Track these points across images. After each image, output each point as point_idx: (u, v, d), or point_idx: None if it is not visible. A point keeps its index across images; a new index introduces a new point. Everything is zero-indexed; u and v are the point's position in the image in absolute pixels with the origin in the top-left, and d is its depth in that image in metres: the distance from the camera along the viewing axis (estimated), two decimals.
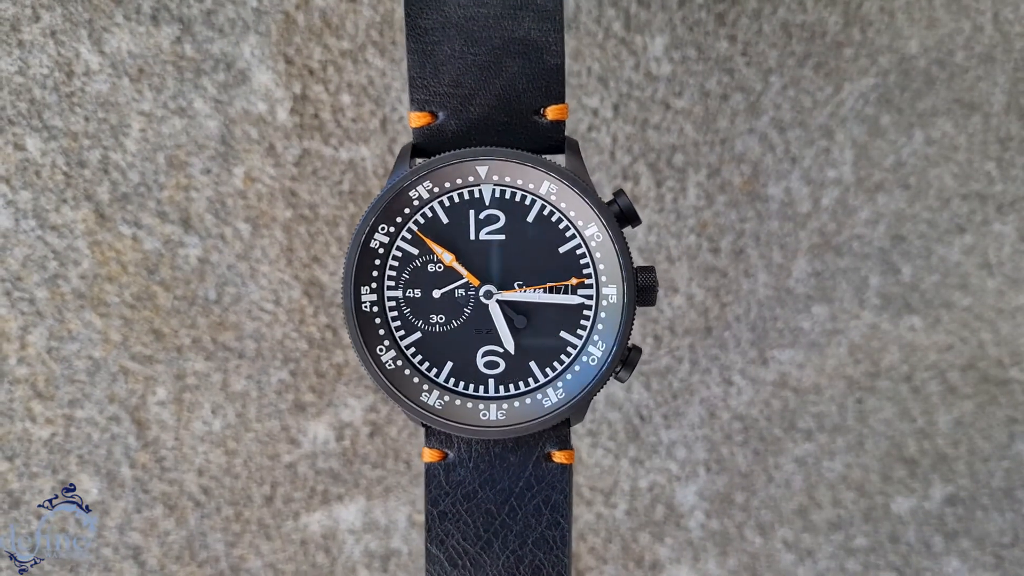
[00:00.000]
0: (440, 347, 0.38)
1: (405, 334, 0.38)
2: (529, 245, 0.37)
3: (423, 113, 0.37)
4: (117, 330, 0.53)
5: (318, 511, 0.57)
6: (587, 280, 0.37)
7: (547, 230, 0.37)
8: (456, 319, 0.38)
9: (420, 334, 0.38)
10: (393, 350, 0.38)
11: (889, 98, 0.58)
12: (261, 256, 0.53)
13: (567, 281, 0.37)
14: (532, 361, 0.38)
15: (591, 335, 0.38)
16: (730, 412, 0.60)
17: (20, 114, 0.50)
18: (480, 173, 0.37)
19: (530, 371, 0.38)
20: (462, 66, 0.37)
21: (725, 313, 0.59)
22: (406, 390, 0.37)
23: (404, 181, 0.36)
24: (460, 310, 0.38)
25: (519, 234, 0.37)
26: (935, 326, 0.62)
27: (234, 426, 0.55)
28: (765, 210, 0.58)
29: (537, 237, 0.37)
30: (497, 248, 0.37)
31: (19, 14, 0.49)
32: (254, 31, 0.51)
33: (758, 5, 0.56)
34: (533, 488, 0.38)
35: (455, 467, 0.38)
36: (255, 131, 0.52)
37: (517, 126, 0.37)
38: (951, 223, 0.60)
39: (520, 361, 0.38)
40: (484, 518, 0.38)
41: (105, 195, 0.51)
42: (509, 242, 0.37)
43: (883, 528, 0.63)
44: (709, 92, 0.57)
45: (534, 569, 0.38)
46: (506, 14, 0.36)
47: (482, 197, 0.37)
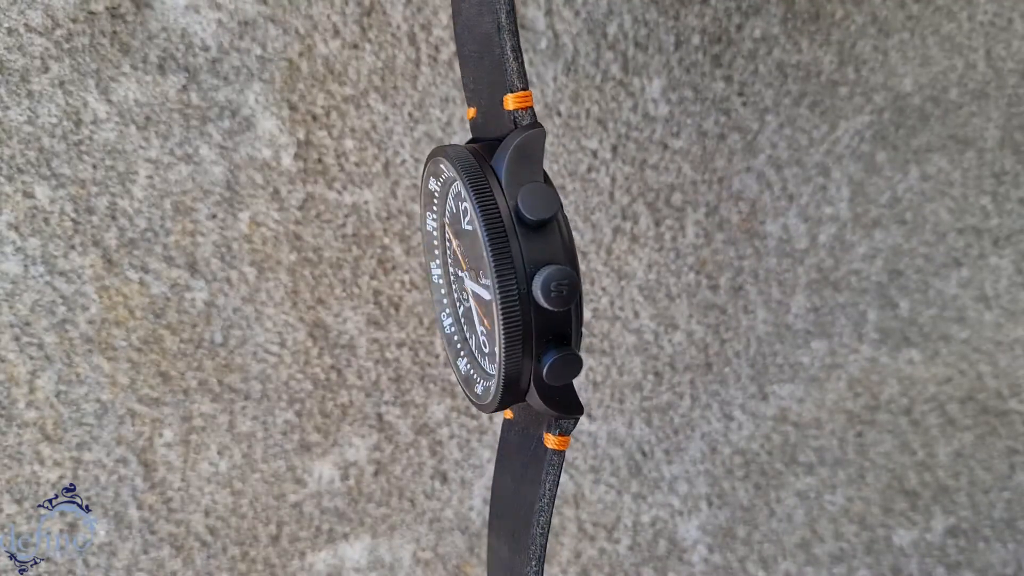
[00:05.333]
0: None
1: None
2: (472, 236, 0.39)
3: (471, 107, 0.39)
4: (124, 373, 0.53)
5: (324, 550, 0.57)
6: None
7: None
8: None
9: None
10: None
11: (884, 135, 0.59)
12: (266, 299, 0.54)
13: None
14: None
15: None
16: (731, 447, 0.61)
17: (29, 162, 0.51)
18: (444, 171, 0.38)
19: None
20: (474, 65, 0.39)
21: (725, 349, 0.60)
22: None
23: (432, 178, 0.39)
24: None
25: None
26: (934, 359, 0.62)
27: (240, 466, 0.56)
28: (763, 247, 0.59)
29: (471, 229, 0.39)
30: (470, 239, 0.40)
31: (28, 65, 0.50)
32: (258, 79, 0.52)
33: (753, 46, 0.57)
34: (529, 466, 0.41)
35: (511, 427, 0.43)
36: (260, 176, 0.53)
37: (502, 117, 0.37)
38: (948, 257, 0.61)
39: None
40: (512, 475, 0.43)
41: (113, 241, 0.52)
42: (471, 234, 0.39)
43: (885, 560, 0.64)
44: (706, 132, 0.57)
45: (519, 550, 0.43)
46: (475, 9, 0.37)
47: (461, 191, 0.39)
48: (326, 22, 0.53)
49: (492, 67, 0.37)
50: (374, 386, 0.56)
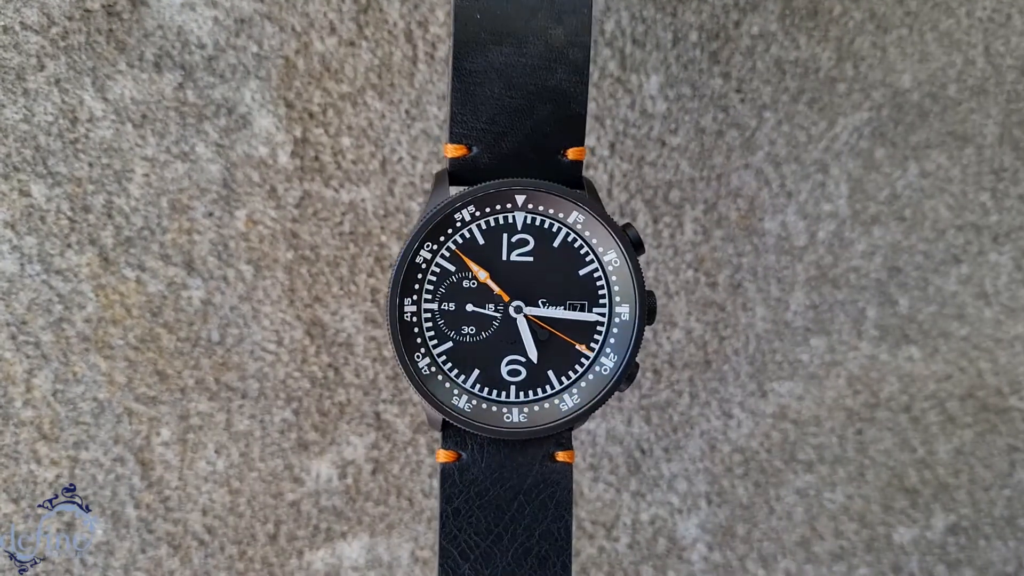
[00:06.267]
0: (468, 356, 0.42)
1: (438, 343, 0.42)
2: (553, 267, 0.41)
3: (459, 146, 0.41)
4: (122, 372, 0.53)
5: (322, 549, 0.57)
6: (602, 300, 0.42)
7: (570, 255, 0.42)
8: (485, 331, 0.42)
9: (451, 343, 0.42)
10: (428, 357, 0.41)
11: (883, 132, 0.59)
12: (263, 297, 0.54)
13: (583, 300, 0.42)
14: (550, 370, 0.42)
15: (603, 348, 0.42)
16: (730, 445, 0.61)
17: (25, 161, 0.51)
18: (518, 201, 0.41)
19: (548, 379, 0.42)
20: (499, 107, 0.41)
21: (724, 347, 0.60)
22: (439, 394, 0.41)
23: (452, 204, 0.40)
24: (489, 323, 0.42)
25: (545, 257, 0.41)
26: (933, 356, 0.62)
27: (238, 465, 0.55)
28: (762, 244, 0.59)
29: (560, 261, 0.42)
30: (526, 269, 0.41)
31: (24, 63, 0.50)
32: (255, 76, 0.52)
33: (751, 42, 0.57)
34: (540, 485, 0.42)
35: (468, 467, 0.42)
36: (256, 174, 0.53)
37: (542, 163, 0.41)
38: (947, 254, 0.61)
39: (540, 370, 0.42)
40: (495, 514, 0.42)
41: (109, 239, 0.52)
42: (536, 264, 0.41)
43: (886, 559, 0.63)
44: (704, 129, 0.57)
45: (540, 559, 0.42)
46: (542, 65, 0.41)
47: (515, 223, 0.41)
48: (322, 19, 0.53)
49: (544, 118, 0.41)
50: (372, 384, 0.56)
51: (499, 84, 0.41)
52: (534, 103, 0.41)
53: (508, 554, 0.42)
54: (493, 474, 0.42)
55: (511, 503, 0.42)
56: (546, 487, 0.42)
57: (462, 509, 0.42)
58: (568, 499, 0.42)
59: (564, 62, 0.41)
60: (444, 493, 0.42)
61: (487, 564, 0.42)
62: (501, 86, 0.41)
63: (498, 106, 0.41)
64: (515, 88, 0.41)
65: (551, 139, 0.41)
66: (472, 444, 0.42)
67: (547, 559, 0.42)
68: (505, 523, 0.42)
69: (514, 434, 0.41)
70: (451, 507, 0.42)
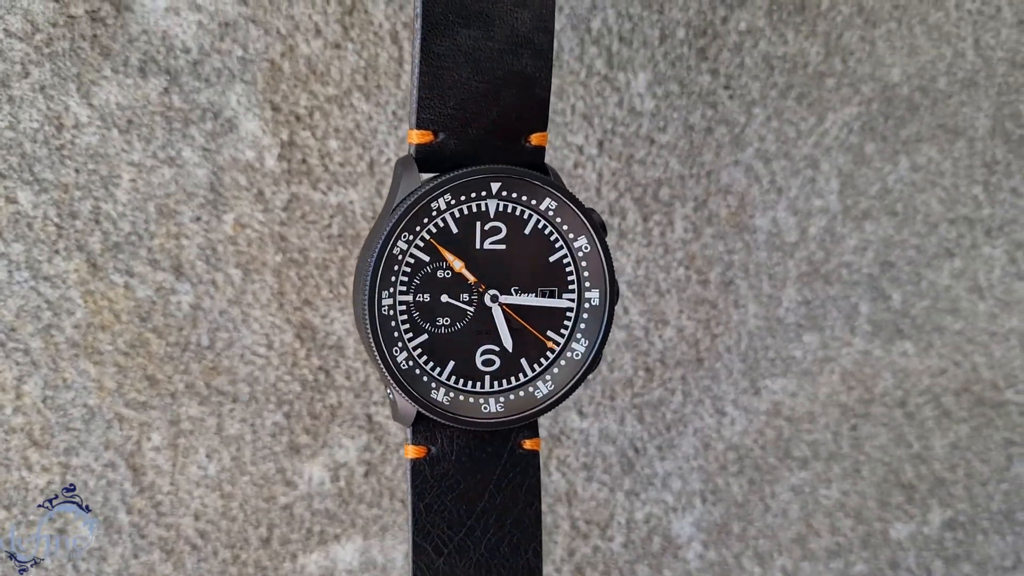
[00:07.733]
0: (444, 348, 0.41)
1: (413, 336, 0.41)
2: (524, 255, 0.41)
3: (425, 131, 0.40)
4: (111, 377, 0.53)
5: (315, 552, 0.57)
6: (571, 286, 0.42)
7: (540, 242, 0.41)
8: (459, 321, 0.41)
9: (427, 335, 0.41)
10: (405, 351, 0.41)
11: (873, 126, 0.59)
12: (252, 301, 0.54)
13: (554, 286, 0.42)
14: (523, 358, 0.42)
15: (574, 333, 0.42)
16: (724, 442, 0.61)
17: (11, 168, 0.51)
18: (492, 189, 0.40)
19: (521, 367, 0.42)
20: (467, 92, 0.40)
21: (716, 344, 0.59)
22: (418, 389, 0.40)
23: (429, 192, 0.39)
24: (463, 313, 0.41)
25: (517, 245, 0.41)
26: (927, 351, 0.62)
27: (229, 469, 0.55)
28: (753, 241, 0.59)
29: (532, 248, 0.41)
30: (498, 256, 0.41)
31: (8, 70, 0.50)
32: (240, 80, 0.52)
33: (739, 39, 0.56)
34: (509, 474, 0.42)
35: (438, 461, 0.42)
36: (244, 178, 0.53)
37: (507, 149, 0.41)
38: (940, 248, 0.61)
39: (513, 359, 0.42)
40: (466, 506, 0.42)
41: (97, 245, 0.52)
42: (508, 251, 0.41)
43: (882, 554, 0.63)
44: (693, 126, 0.57)
45: (512, 547, 0.42)
46: (508, 49, 0.40)
47: (488, 210, 0.41)
48: (307, 22, 0.52)
49: (510, 104, 0.40)
50: (363, 387, 0.56)
51: (467, 68, 0.40)
52: (500, 88, 0.40)
53: (481, 545, 0.42)
54: (463, 467, 0.42)
55: (482, 494, 0.42)
56: (515, 476, 0.42)
57: (434, 504, 0.42)
58: (537, 487, 0.43)
59: (529, 47, 0.40)
60: (416, 489, 0.42)
61: (461, 557, 0.42)
62: (469, 70, 0.40)
63: (466, 91, 0.40)
64: (483, 72, 0.40)
65: (516, 125, 0.41)
66: (442, 438, 0.42)
67: (519, 547, 0.42)
68: (477, 514, 0.42)
69: (493, 424, 0.41)
70: (423, 503, 0.42)
